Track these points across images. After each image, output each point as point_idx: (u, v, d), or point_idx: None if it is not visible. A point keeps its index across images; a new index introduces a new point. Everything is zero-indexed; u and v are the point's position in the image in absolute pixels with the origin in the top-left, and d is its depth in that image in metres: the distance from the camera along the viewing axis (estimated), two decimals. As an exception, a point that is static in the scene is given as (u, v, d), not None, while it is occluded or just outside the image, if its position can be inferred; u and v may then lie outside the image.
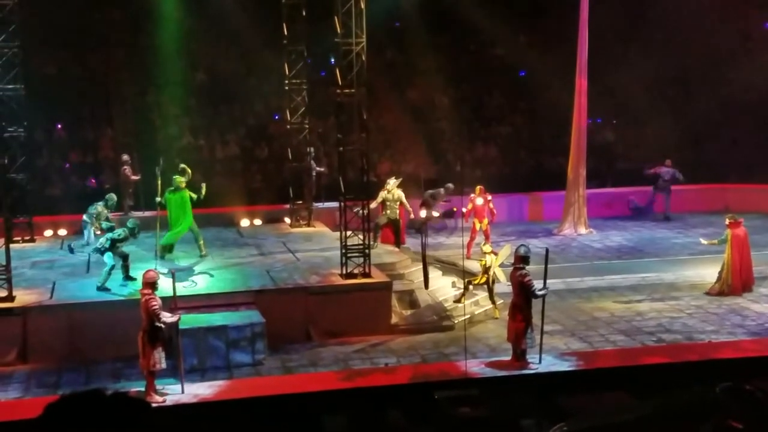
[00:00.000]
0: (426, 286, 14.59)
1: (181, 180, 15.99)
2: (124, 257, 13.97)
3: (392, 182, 17.54)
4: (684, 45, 28.48)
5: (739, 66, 26.02)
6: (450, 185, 20.46)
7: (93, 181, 23.10)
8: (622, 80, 26.91)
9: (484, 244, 16.01)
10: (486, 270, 14.63)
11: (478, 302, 15.26)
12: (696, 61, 28.24)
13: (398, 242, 17.46)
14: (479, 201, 19.04)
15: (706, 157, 25.67)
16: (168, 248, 16.18)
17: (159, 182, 16.02)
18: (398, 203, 17.50)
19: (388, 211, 17.38)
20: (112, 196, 17.66)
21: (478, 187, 19.31)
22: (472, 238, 19.07)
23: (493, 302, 14.77)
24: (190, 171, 16.52)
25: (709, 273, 17.12)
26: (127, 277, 13.95)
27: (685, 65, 28.49)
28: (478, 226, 19.02)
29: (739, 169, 23.75)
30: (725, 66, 26.83)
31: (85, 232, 16.97)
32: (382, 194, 17.38)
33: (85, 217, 17.09)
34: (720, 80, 27.30)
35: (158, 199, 15.88)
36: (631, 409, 6.98)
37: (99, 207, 17.06)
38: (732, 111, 27.03)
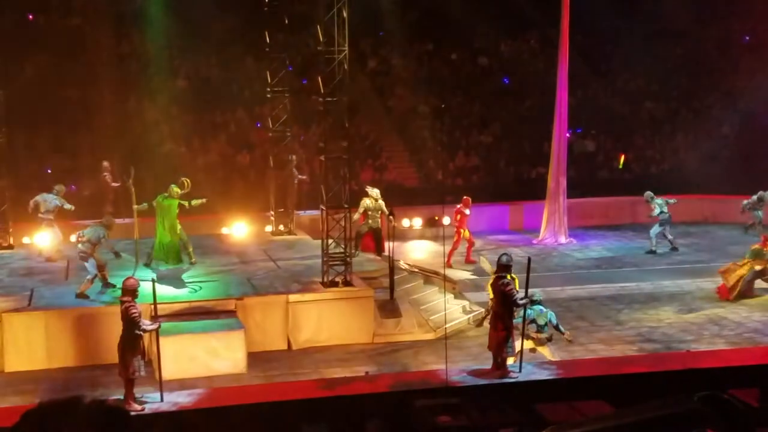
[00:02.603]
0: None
1: (176, 191, 15.77)
2: (101, 266, 13.85)
3: (376, 192, 17.50)
4: (665, 56, 28.79)
5: (722, 76, 26.26)
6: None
7: (72, 187, 22.94)
8: (602, 91, 27.14)
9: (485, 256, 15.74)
10: None
11: (464, 308, 15.31)
12: (679, 71, 28.55)
13: (379, 251, 17.47)
14: (467, 211, 19.17)
15: (686, 168, 25.87)
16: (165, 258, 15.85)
17: (133, 191, 15.84)
18: (380, 212, 17.51)
19: (370, 221, 17.39)
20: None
21: (466, 198, 19.43)
22: (454, 248, 19.12)
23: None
24: (189, 184, 16.14)
25: (686, 283, 17.27)
26: (106, 284, 13.85)
27: (666, 75, 28.77)
28: (464, 235, 19.12)
29: (718, 179, 23.92)
30: (708, 77, 27.09)
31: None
32: (365, 203, 17.36)
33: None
34: (702, 91, 27.60)
35: (136, 206, 15.69)
36: (610, 419, 6.99)
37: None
38: (711, 122, 27.31)
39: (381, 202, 17.49)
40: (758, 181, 23.98)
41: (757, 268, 16.51)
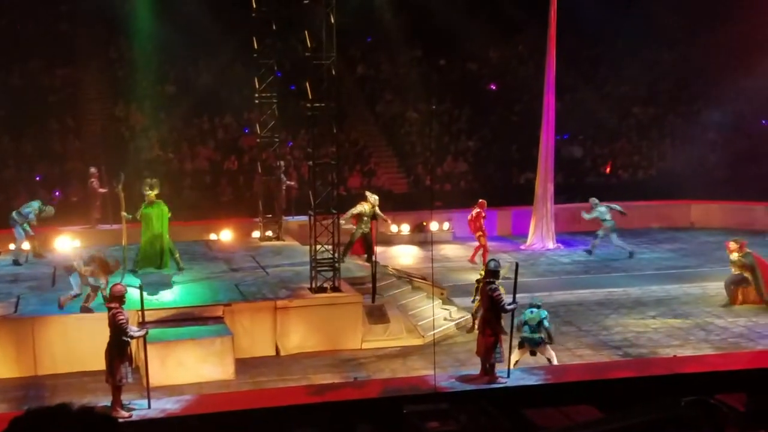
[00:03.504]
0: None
1: (151, 194, 15.75)
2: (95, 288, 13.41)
3: (375, 198, 17.25)
4: (653, 62, 28.94)
5: (709, 82, 26.40)
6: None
7: (58, 193, 22.87)
8: (589, 96, 27.27)
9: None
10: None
11: (451, 314, 15.32)
12: (666, 77, 28.70)
13: (370, 256, 17.39)
14: (484, 214, 19.37)
15: (673, 173, 26.01)
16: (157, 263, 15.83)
17: (122, 196, 15.81)
18: (372, 219, 17.40)
19: (363, 226, 17.31)
20: (51, 209, 17.99)
21: (482, 201, 19.49)
22: (485, 250, 19.36)
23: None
24: (156, 184, 16.19)
25: (673, 288, 17.34)
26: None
27: (654, 81, 28.93)
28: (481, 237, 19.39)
29: (704, 185, 24.07)
30: (695, 82, 27.24)
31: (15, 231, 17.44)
32: (362, 207, 17.14)
33: (15, 215, 17.52)
34: (688, 97, 27.76)
35: (124, 213, 15.64)
36: (599, 424, 7.02)
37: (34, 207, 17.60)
38: (700, 128, 27.47)
39: (377, 210, 17.37)
40: (745, 187, 24.18)
41: (736, 272, 16.46)
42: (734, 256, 16.37)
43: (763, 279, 16.25)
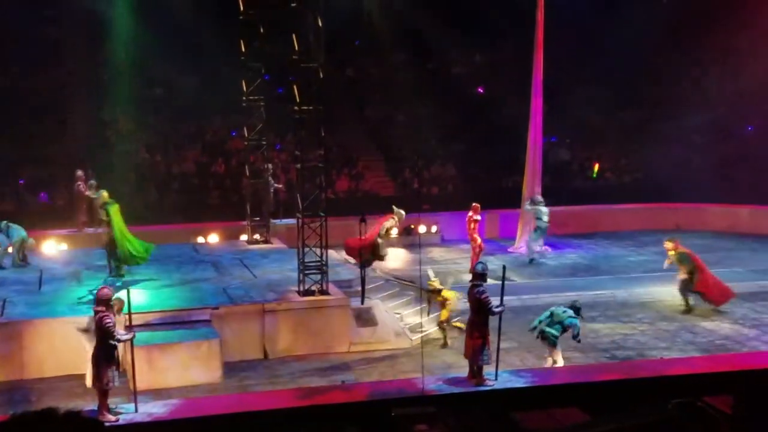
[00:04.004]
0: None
1: (104, 193, 15.77)
2: None
3: (402, 214, 16.41)
4: (638, 64, 29.05)
5: (694, 85, 26.55)
6: None
7: (44, 196, 22.78)
8: (576, 100, 27.34)
9: (433, 278, 15.52)
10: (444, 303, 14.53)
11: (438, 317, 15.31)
12: (651, 80, 28.82)
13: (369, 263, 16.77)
14: (478, 217, 19.34)
15: (659, 176, 26.12)
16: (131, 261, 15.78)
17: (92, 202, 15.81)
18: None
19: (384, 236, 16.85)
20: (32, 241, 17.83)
21: (475, 205, 19.50)
22: (476, 254, 19.25)
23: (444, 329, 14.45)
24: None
25: (660, 291, 17.40)
26: None
27: (639, 84, 29.04)
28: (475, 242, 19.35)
29: (689, 188, 24.20)
30: (679, 86, 27.38)
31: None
32: (391, 222, 16.49)
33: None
34: (674, 100, 27.90)
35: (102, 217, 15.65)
36: (587, 427, 7.04)
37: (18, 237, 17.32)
38: (684, 131, 27.61)
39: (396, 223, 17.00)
40: (729, 189, 24.32)
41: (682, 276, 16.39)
42: (671, 254, 16.52)
43: (700, 279, 16.23)
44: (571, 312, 12.42)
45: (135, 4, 25.26)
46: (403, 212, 16.37)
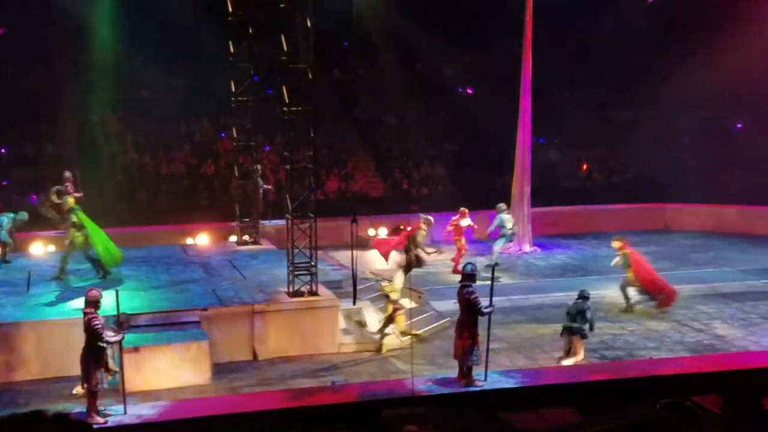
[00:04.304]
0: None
1: (70, 199, 15.85)
2: None
3: (430, 220, 16.14)
4: (628, 65, 29.15)
5: (684, 85, 26.62)
6: None
7: (33, 198, 22.68)
8: (565, 100, 27.41)
9: (385, 285, 15.40)
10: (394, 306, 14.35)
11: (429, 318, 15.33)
12: (641, 80, 28.89)
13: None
14: (463, 222, 19.34)
15: (648, 176, 26.21)
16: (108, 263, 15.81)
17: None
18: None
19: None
20: (24, 215, 17.85)
21: (463, 209, 19.50)
22: (459, 255, 19.33)
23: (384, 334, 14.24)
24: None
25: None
26: None
27: (629, 84, 29.12)
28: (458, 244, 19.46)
29: (679, 188, 24.28)
30: (670, 86, 27.45)
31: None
32: (421, 235, 16.24)
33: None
34: (663, 100, 28.00)
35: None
36: (577, 428, 7.07)
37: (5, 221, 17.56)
38: (673, 131, 27.72)
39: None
40: (719, 189, 24.41)
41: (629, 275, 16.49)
42: (619, 253, 16.62)
43: (638, 280, 16.32)
44: (580, 301, 13.25)
45: (124, 4, 25.20)
46: (431, 218, 16.31)
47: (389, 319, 14.31)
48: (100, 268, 15.62)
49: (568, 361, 13.04)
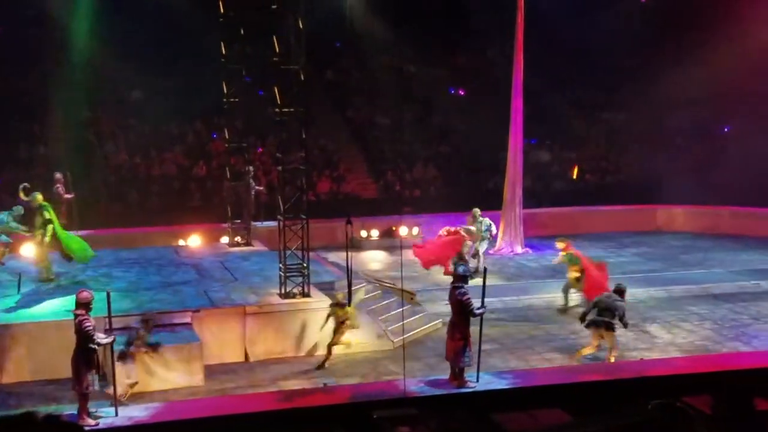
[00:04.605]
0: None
1: (38, 196, 15.82)
2: None
3: (477, 212, 15.95)
4: (620, 66, 29.22)
5: (676, 88, 26.70)
6: None
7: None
8: (557, 102, 27.47)
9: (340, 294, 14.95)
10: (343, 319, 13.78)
11: (422, 318, 15.34)
12: (633, 82, 28.97)
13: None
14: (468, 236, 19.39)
15: (640, 178, 26.29)
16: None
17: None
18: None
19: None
20: (19, 208, 17.72)
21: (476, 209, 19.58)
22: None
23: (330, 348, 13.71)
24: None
25: (639, 292, 17.49)
26: None
27: (621, 85, 29.19)
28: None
29: (671, 190, 24.36)
30: (662, 88, 27.54)
31: None
32: (466, 247, 16.01)
33: None
34: (655, 102, 28.08)
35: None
36: (568, 429, 7.06)
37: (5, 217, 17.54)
38: (665, 132, 27.80)
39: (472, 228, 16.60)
40: (710, 191, 24.48)
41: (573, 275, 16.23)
42: (562, 254, 16.57)
43: (584, 288, 15.80)
44: (615, 296, 13.06)
45: (116, 6, 25.16)
46: (472, 228, 16.31)
47: (339, 331, 13.73)
48: (69, 260, 15.62)
49: (612, 356, 13.06)
